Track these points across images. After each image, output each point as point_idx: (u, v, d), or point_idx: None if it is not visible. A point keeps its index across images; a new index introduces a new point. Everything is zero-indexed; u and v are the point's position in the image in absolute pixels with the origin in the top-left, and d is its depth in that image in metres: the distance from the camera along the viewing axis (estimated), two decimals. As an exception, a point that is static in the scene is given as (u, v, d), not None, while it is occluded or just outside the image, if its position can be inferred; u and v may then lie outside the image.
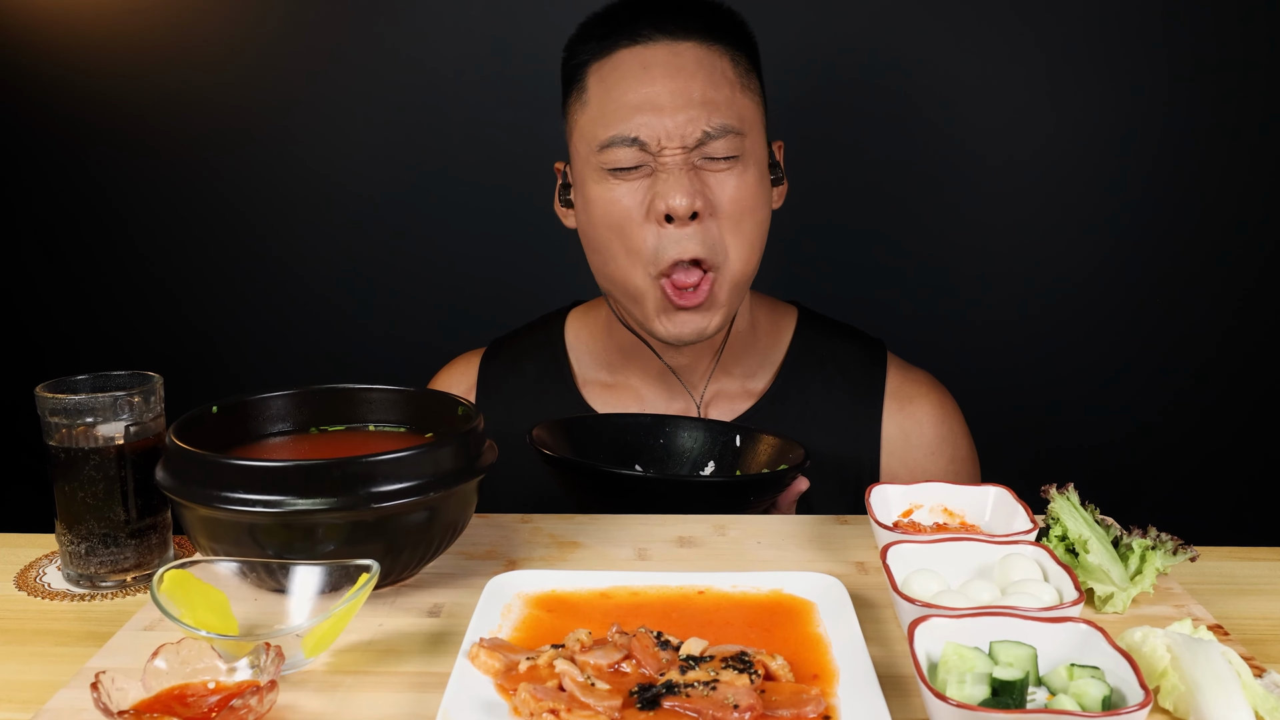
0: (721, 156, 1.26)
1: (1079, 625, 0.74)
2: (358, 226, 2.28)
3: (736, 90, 1.29)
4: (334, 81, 2.23)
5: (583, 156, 1.31)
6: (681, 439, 1.32)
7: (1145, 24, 2.15)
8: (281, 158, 2.26)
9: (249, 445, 1.00)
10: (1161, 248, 2.24)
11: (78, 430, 0.94)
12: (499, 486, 1.15)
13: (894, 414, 1.41)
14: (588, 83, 1.31)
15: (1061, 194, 2.22)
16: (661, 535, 1.05)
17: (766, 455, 1.27)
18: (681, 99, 1.25)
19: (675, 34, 1.28)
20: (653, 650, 0.77)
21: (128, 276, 2.31)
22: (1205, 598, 0.94)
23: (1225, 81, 2.18)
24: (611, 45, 1.30)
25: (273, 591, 0.83)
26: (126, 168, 2.27)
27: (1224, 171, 2.21)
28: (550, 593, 0.88)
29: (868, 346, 1.46)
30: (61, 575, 0.98)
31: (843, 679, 0.75)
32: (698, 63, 1.27)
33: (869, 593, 0.93)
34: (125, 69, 2.23)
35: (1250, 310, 2.27)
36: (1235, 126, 2.19)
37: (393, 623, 0.87)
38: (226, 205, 2.28)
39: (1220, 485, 2.32)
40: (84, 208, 2.30)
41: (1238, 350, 2.26)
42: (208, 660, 0.73)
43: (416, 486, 0.86)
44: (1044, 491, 0.96)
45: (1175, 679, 0.73)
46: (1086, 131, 2.19)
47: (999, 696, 0.68)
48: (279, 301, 2.31)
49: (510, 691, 0.73)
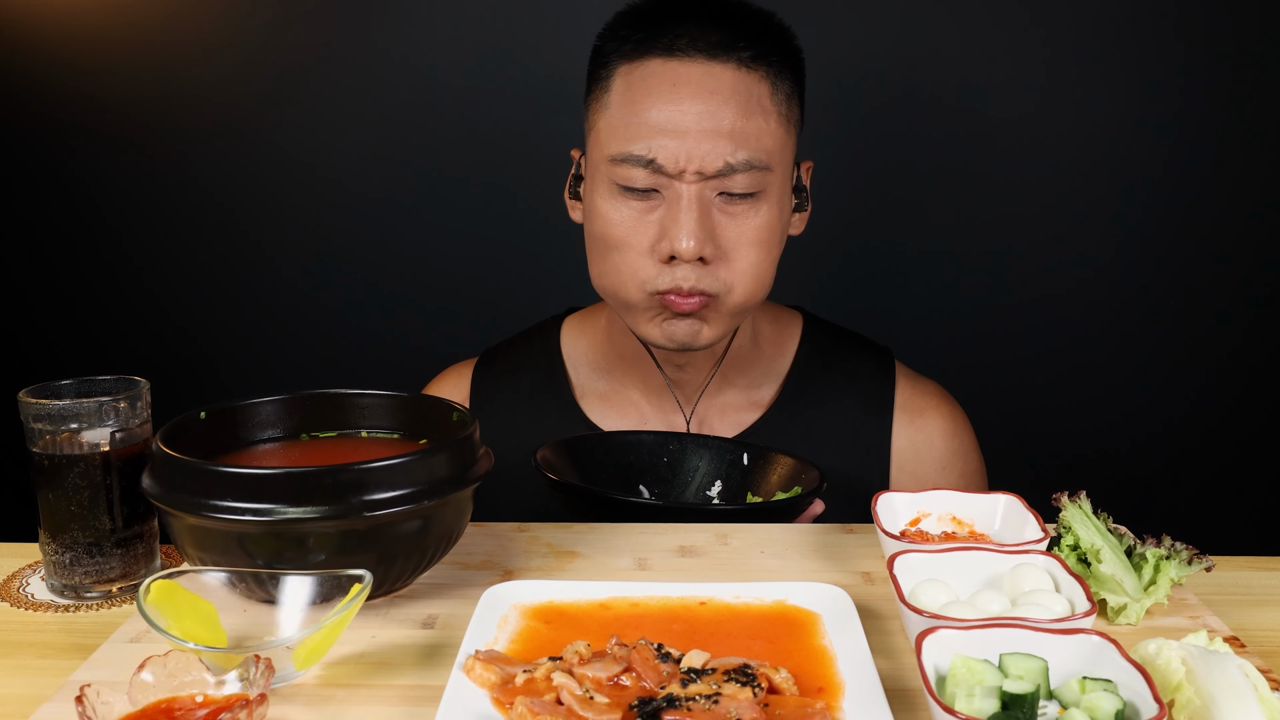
0: (740, 193, 1.22)
1: (1091, 637, 0.74)
2: (348, 227, 2.29)
3: (771, 119, 1.23)
4: (324, 81, 2.23)
5: (594, 161, 1.27)
6: (687, 458, 1.31)
7: (1157, 24, 2.16)
8: (270, 158, 2.26)
9: (238, 452, 1.00)
10: (1174, 254, 2.25)
11: (62, 437, 0.94)
12: (496, 495, 1.15)
13: (904, 427, 1.40)
14: (613, 83, 1.26)
15: (1071, 200, 2.22)
16: (662, 545, 1.05)
17: (779, 476, 1.25)
18: (709, 125, 1.19)
19: (714, 53, 1.21)
20: (653, 663, 0.77)
21: (113, 278, 2.32)
22: (1221, 609, 0.94)
23: (1239, 81, 2.18)
24: (645, 50, 1.24)
25: (262, 602, 0.83)
26: (111, 167, 2.27)
27: (1237, 178, 2.21)
28: (548, 604, 0.88)
29: (876, 355, 1.45)
30: (45, 586, 0.98)
31: (848, 692, 0.75)
32: (733, 88, 1.21)
33: (875, 604, 0.93)
34: (110, 65, 2.23)
35: (1265, 316, 2.27)
36: (1250, 127, 2.19)
37: (386, 634, 0.87)
38: (214, 206, 2.28)
39: (1236, 494, 2.32)
40: (67, 208, 2.30)
41: (1254, 356, 2.27)
42: (195, 673, 0.73)
43: (410, 494, 0.86)
44: (1055, 500, 0.96)
45: (1190, 692, 0.73)
46: (1097, 136, 2.19)
47: (1009, 710, 0.68)
48: (268, 304, 2.31)
49: (507, 705, 0.73)
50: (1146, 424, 2.30)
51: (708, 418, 1.41)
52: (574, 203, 1.36)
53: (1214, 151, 2.20)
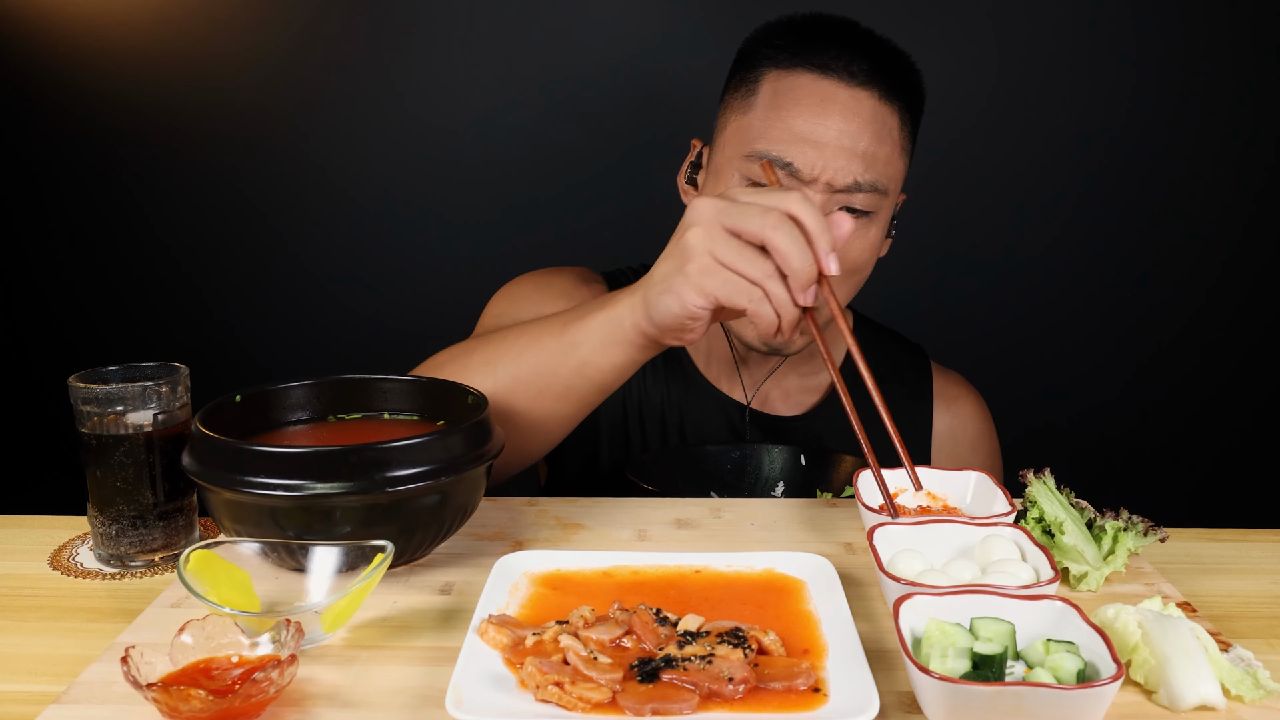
0: (859, 210, 1.22)
1: (1055, 603, 0.73)
2: (373, 227, 2.28)
3: (896, 151, 1.24)
4: (352, 85, 2.23)
5: (727, 155, 1.26)
6: (748, 463, 1.30)
7: (1135, 31, 2.15)
8: (301, 159, 2.26)
9: (270, 432, 1.00)
10: (1127, 239, 2.25)
11: (109, 418, 0.93)
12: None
13: (942, 412, 1.44)
14: (760, 86, 1.24)
15: (1030, 185, 2.22)
16: (661, 517, 1.05)
17: (844, 472, 1.25)
18: (847, 143, 1.19)
19: (859, 79, 1.21)
20: (652, 626, 0.77)
21: (155, 273, 2.31)
22: (1174, 576, 0.94)
23: (1192, 85, 2.17)
24: (796, 62, 1.23)
25: (293, 571, 0.83)
26: (156, 171, 2.27)
27: (1188, 171, 2.21)
28: (555, 572, 0.88)
29: (912, 349, 1.50)
30: (93, 555, 0.98)
31: (832, 653, 0.75)
32: (873, 114, 1.21)
33: (857, 572, 0.92)
34: (153, 76, 2.23)
35: (1213, 303, 2.27)
36: (1198, 129, 2.19)
37: (406, 600, 0.87)
38: (249, 206, 2.28)
39: (1186, 467, 2.33)
40: (114, 209, 2.30)
41: (1200, 344, 2.27)
42: (231, 636, 0.73)
43: (429, 471, 0.86)
44: (1022, 476, 0.96)
45: (1146, 653, 0.73)
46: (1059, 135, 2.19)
47: (979, 670, 0.68)
48: (299, 296, 2.31)
49: (517, 665, 0.73)
50: (1103, 405, 2.30)
51: (770, 399, 1.41)
52: (689, 188, 1.35)
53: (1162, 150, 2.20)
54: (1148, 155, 2.19)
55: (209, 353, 2.28)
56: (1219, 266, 2.25)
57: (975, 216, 2.23)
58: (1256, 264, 2.25)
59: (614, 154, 2.20)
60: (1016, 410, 2.25)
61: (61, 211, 2.30)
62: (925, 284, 2.24)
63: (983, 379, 1.51)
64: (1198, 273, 2.26)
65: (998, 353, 2.25)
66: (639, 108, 2.19)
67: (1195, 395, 2.30)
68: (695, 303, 0.93)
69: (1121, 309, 2.27)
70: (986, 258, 2.26)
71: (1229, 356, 2.29)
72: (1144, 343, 2.28)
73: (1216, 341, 2.28)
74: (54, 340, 2.35)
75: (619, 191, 2.22)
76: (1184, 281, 2.26)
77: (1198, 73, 2.16)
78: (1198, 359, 2.29)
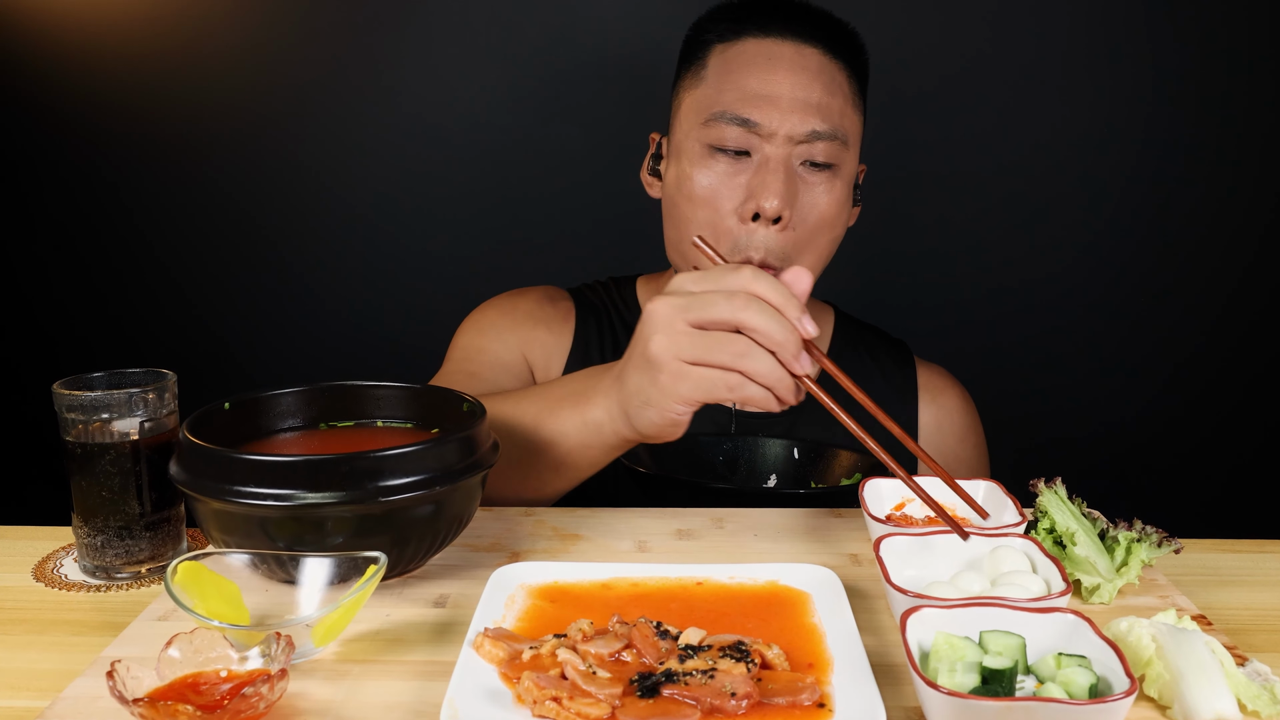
0: (820, 162, 1.26)
1: (1066, 615, 0.73)
2: (364, 231, 2.29)
3: (848, 104, 1.29)
4: (342, 87, 2.23)
5: (685, 130, 1.31)
6: (741, 454, 1.32)
7: (1130, 32, 2.16)
8: (290, 162, 2.26)
9: (260, 440, 1.00)
10: (1144, 252, 2.25)
11: (94, 426, 0.93)
12: None
13: (927, 405, 1.47)
14: (708, 60, 1.31)
15: (1041, 197, 2.22)
16: (661, 528, 1.05)
17: (843, 468, 1.27)
18: (800, 95, 1.25)
19: (804, 36, 1.28)
20: (652, 640, 0.76)
21: (142, 277, 2.32)
22: (1189, 589, 0.94)
23: (1210, 88, 2.18)
24: (740, 31, 1.30)
25: (283, 583, 0.83)
26: (142, 173, 2.27)
27: (1207, 179, 2.21)
28: (552, 584, 0.88)
29: (895, 345, 1.52)
30: (78, 567, 0.98)
31: (837, 668, 0.75)
32: (820, 67, 1.27)
33: (862, 584, 0.92)
34: (139, 74, 2.23)
35: (1229, 313, 2.27)
36: (1219, 134, 2.19)
37: (400, 613, 0.87)
38: (237, 208, 2.28)
39: (1203, 478, 2.33)
40: (99, 210, 2.30)
41: (1216, 353, 2.27)
42: (220, 649, 0.73)
43: (423, 481, 0.86)
44: (1033, 486, 0.96)
45: (1160, 668, 0.73)
46: (1072, 135, 2.19)
47: (989, 684, 0.68)
48: (288, 301, 2.31)
49: (514, 680, 0.73)
50: (1117, 414, 2.30)
51: None
52: (652, 180, 1.40)
53: (1184, 154, 2.20)
54: (1167, 173, 2.19)
55: (197, 359, 2.28)
56: (1237, 279, 2.26)
57: (992, 226, 2.23)
58: (1275, 276, 2.26)
59: (608, 155, 2.20)
60: (1028, 420, 2.26)
61: (46, 214, 2.30)
62: (940, 295, 2.24)
63: (995, 388, 1.52)
64: (1216, 284, 2.26)
65: (1011, 363, 2.25)
66: (635, 108, 2.19)
67: (1212, 405, 2.30)
68: (676, 410, 0.95)
69: (1138, 320, 2.27)
70: (1002, 269, 2.26)
71: (1247, 367, 2.29)
72: (1162, 354, 2.28)
73: (1234, 352, 2.28)
74: (38, 346, 2.35)
75: (613, 194, 2.22)
76: (1202, 293, 2.26)
77: (1217, 74, 2.16)
78: (1216, 369, 2.29)
